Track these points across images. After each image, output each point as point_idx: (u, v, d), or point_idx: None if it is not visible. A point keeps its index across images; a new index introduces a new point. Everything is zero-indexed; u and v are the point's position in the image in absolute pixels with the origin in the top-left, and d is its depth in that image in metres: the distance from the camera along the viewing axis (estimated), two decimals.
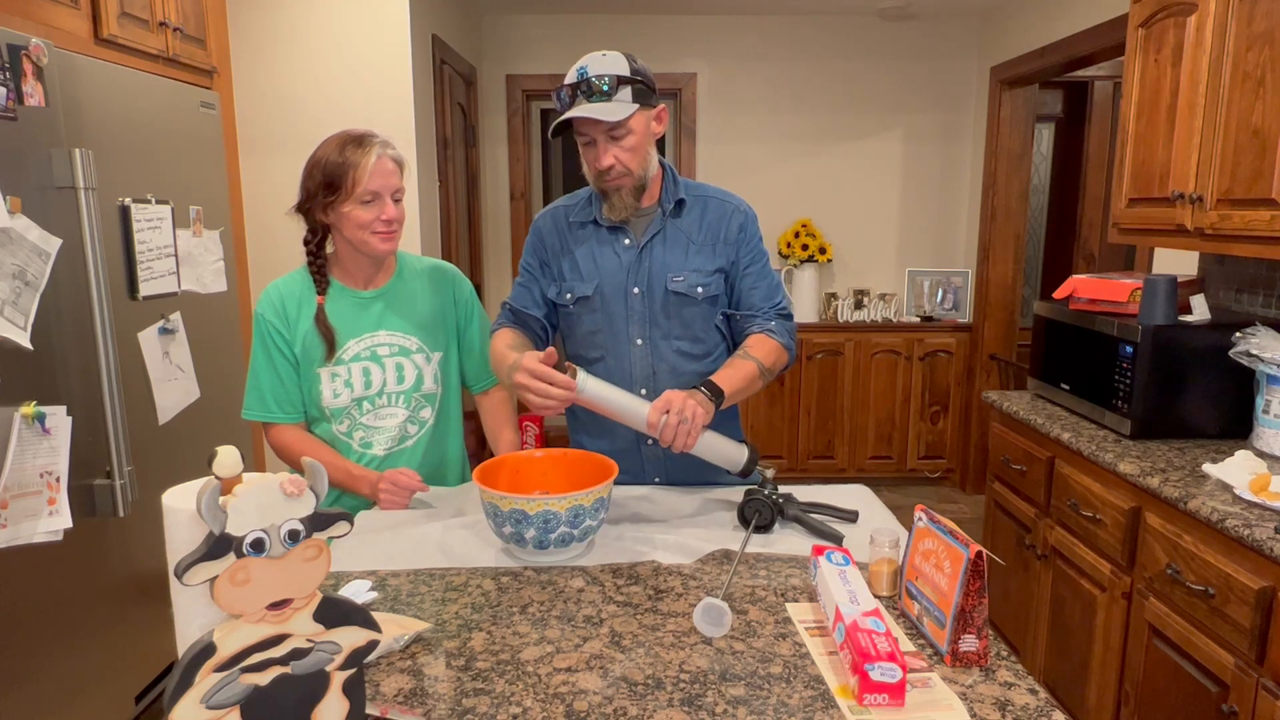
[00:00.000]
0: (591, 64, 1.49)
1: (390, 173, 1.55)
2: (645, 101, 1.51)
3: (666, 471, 1.68)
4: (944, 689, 0.96)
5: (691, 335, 1.64)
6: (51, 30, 1.96)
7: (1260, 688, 1.52)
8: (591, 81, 1.46)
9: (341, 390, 1.61)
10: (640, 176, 1.56)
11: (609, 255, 1.62)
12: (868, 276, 4.70)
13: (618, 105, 1.47)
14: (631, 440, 1.65)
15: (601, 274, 1.62)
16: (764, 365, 1.56)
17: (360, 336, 1.62)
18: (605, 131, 1.50)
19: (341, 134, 1.56)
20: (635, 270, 1.61)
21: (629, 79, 1.48)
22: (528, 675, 0.99)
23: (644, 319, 1.62)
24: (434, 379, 1.68)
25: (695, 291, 1.61)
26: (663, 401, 1.36)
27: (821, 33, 4.49)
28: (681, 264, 1.61)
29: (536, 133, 4.87)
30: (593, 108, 1.46)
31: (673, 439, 1.35)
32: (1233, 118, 1.95)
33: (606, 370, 1.63)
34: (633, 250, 1.62)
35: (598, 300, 1.62)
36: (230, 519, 0.73)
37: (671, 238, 1.62)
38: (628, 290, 1.61)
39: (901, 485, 4.55)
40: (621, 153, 1.51)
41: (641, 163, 1.55)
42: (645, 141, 1.54)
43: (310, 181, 1.54)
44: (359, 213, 1.53)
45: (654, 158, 1.59)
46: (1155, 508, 1.84)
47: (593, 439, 1.68)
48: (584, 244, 1.64)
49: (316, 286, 1.60)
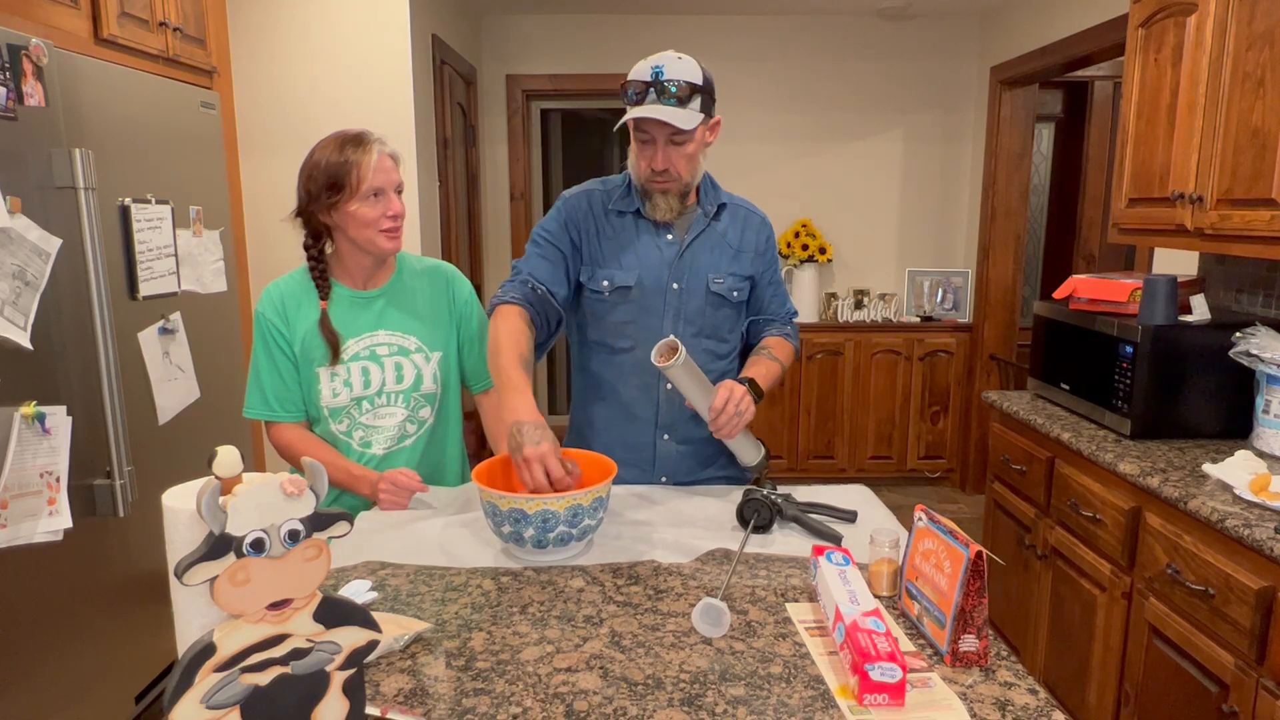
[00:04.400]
0: (668, 65, 1.48)
1: (390, 168, 1.57)
2: (709, 112, 1.54)
3: (673, 470, 1.70)
4: (944, 689, 0.96)
5: (719, 336, 1.68)
6: (51, 30, 1.96)
7: (1260, 688, 1.52)
8: (665, 84, 1.46)
9: (341, 390, 1.61)
10: (688, 184, 1.59)
11: (650, 248, 1.63)
12: (868, 276, 4.70)
13: (689, 114, 1.48)
14: (647, 439, 1.67)
15: (643, 266, 1.63)
16: (784, 366, 1.68)
17: (359, 336, 1.62)
18: (668, 135, 1.50)
19: (338, 134, 1.56)
20: (676, 266, 1.63)
21: (701, 88, 1.49)
22: (528, 675, 0.99)
23: (678, 315, 1.64)
24: (433, 379, 1.68)
25: (732, 295, 1.66)
26: (726, 390, 1.46)
27: (821, 33, 4.49)
28: (724, 267, 1.65)
29: (536, 133, 4.88)
30: (665, 111, 1.46)
31: (724, 424, 1.46)
32: (1233, 118, 1.95)
33: (634, 361, 1.65)
34: (675, 247, 1.63)
35: (637, 292, 1.63)
36: (230, 519, 0.73)
37: (712, 240, 1.65)
38: (667, 285, 1.63)
39: (901, 485, 4.55)
40: (679, 158, 1.53)
41: (692, 170, 1.58)
42: (700, 149, 1.56)
43: (311, 184, 1.54)
44: (365, 210, 1.54)
45: (702, 166, 1.61)
46: (1155, 508, 1.84)
47: (600, 437, 1.69)
48: (623, 233, 1.64)
49: (319, 291, 1.60)
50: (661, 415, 1.66)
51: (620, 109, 1.56)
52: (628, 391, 1.66)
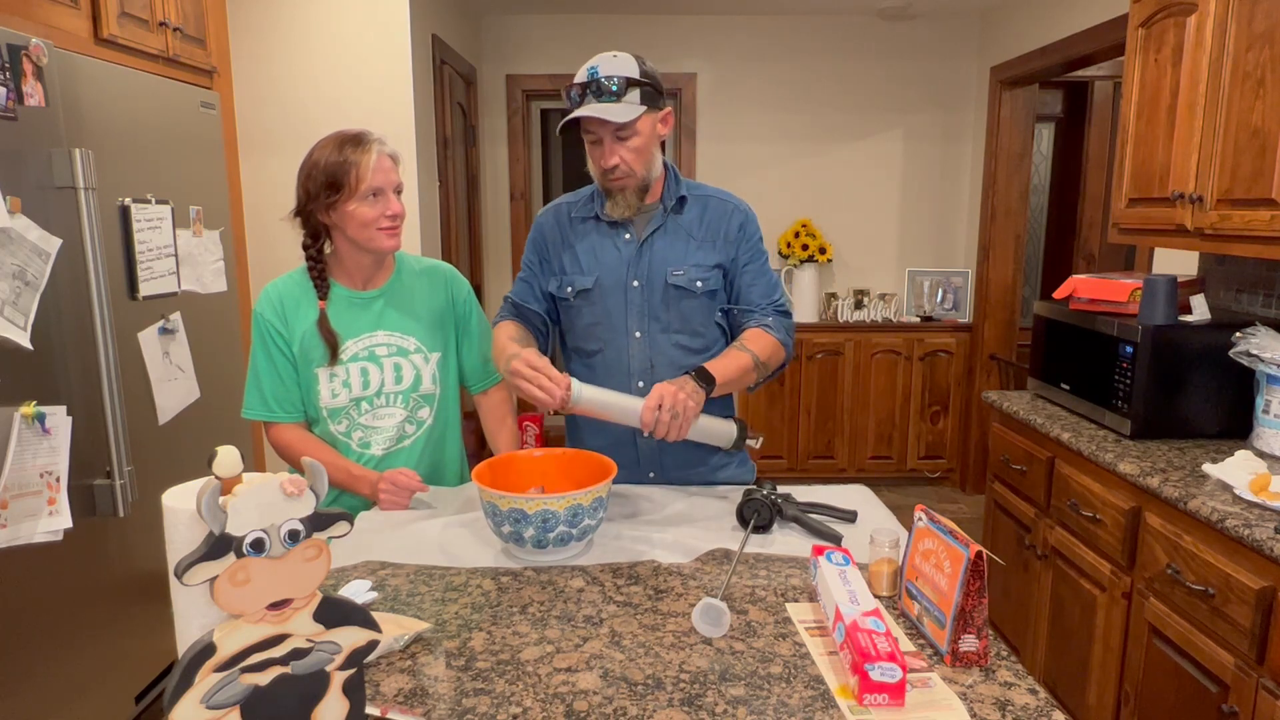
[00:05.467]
0: (602, 64, 1.51)
1: (390, 169, 1.57)
2: (652, 104, 1.54)
3: (661, 466, 1.70)
4: (944, 689, 0.96)
5: (690, 329, 1.66)
6: (51, 30, 1.96)
7: (1260, 688, 1.52)
8: (601, 82, 1.49)
9: (340, 390, 1.61)
10: (644, 177, 1.59)
11: (609, 249, 1.65)
12: (868, 276, 4.70)
13: (626, 107, 1.50)
14: (627, 435, 1.67)
15: (602, 267, 1.64)
16: (758, 358, 1.57)
17: (358, 336, 1.62)
18: (612, 131, 1.52)
19: (337, 134, 1.56)
20: (635, 264, 1.63)
21: (638, 81, 1.51)
22: (528, 675, 0.99)
23: (643, 312, 1.64)
24: (432, 379, 1.68)
25: (694, 285, 1.63)
26: (654, 398, 1.40)
27: (821, 33, 4.49)
28: (682, 258, 1.64)
29: (536, 133, 4.87)
30: (601, 108, 1.49)
31: (666, 433, 1.40)
32: (1233, 118, 1.95)
33: (605, 362, 1.66)
34: (633, 244, 1.64)
35: (597, 293, 1.65)
36: (230, 519, 0.73)
37: (672, 233, 1.64)
38: (627, 283, 1.64)
39: (901, 485, 4.55)
40: (627, 153, 1.54)
41: (646, 164, 1.57)
42: (650, 143, 1.57)
43: (311, 183, 1.54)
44: (364, 210, 1.54)
45: (658, 159, 1.62)
46: (1155, 508, 1.84)
47: (590, 435, 1.72)
48: (585, 238, 1.67)
49: (318, 291, 1.60)
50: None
51: None
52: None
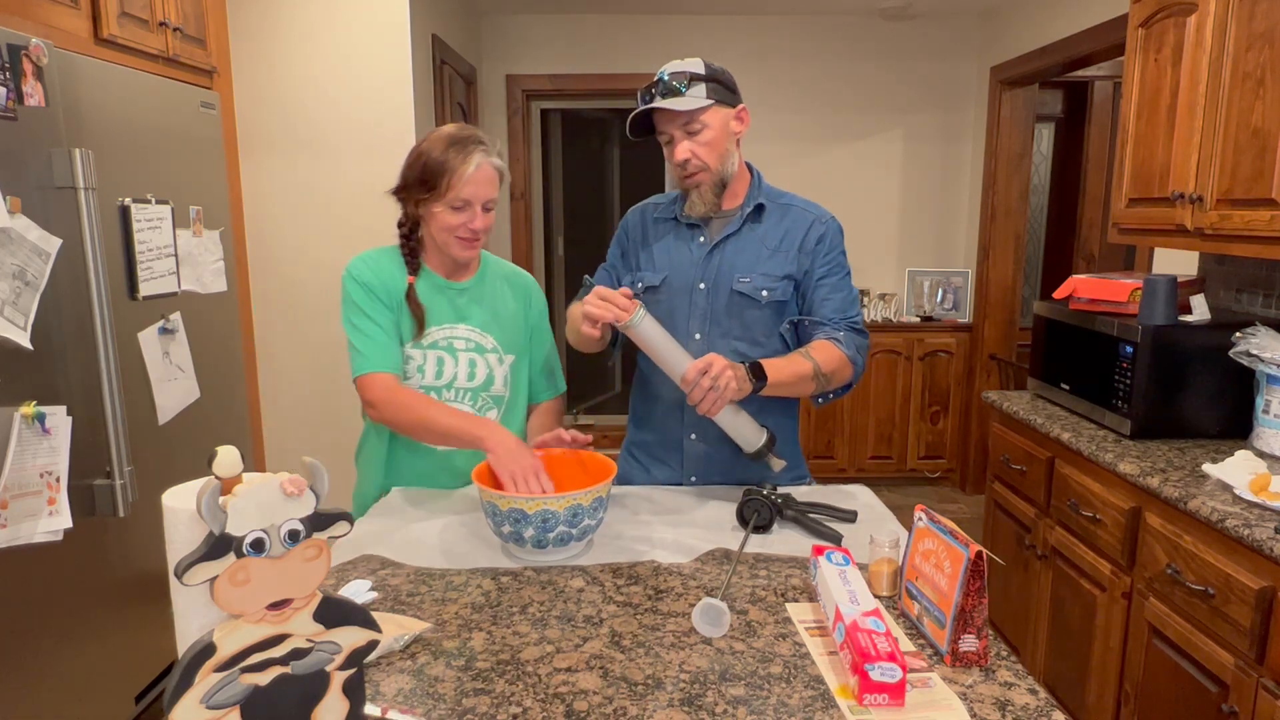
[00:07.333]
0: (669, 66, 1.55)
1: (488, 181, 1.54)
2: (721, 98, 1.54)
3: (702, 471, 1.68)
4: (944, 689, 0.96)
5: (751, 338, 1.64)
6: (51, 30, 1.96)
7: (1260, 688, 1.52)
8: (666, 80, 1.52)
9: (413, 374, 1.59)
10: (718, 173, 1.58)
11: (683, 250, 1.66)
12: (868, 276, 4.70)
13: (689, 99, 1.51)
14: (676, 435, 1.69)
15: (672, 266, 1.66)
16: (820, 369, 1.53)
17: (441, 325, 1.61)
18: (681, 126, 1.54)
19: (453, 129, 1.55)
20: (704, 266, 1.64)
21: (703, 76, 1.53)
22: (528, 675, 0.99)
23: (705, 315, 1.64)
24: (504, 381, 1.66)
25: (760, 294, 1.62)
26: (704, 361, 1.39)
27: (821, 33, 4.49)
28: (751, 266, 1.63)
29: (537, 133, 4.87)
30: (664, 101, 1.51)
31: (700, 400, 1.39)
32: (1233, 118, 1.95)
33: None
34: (705, 247, 1.65)
35: (664, 291, 1.66)
36: (230, 519, 0.73)
37: (746, 239, 1.64)
38: (694, 285, 1.64)
39: (901, 485, 4.55)
40: (697, 147, 1.55)
41: (719, 159, 1.57)
42: (723, 138, 1.57)
43: (410, 172, 1.55)
44: (447, 216, 1.53)
45: (734, 156, 1.60)
46: (1155, 508, 1.84)
47: (640, 431, 1.75)
48: (663, 238, 1.69)
49: (408, 267, 1.60)
50: (689, 415, 1.65)
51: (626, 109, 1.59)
52: (661, 389, 1.69)
